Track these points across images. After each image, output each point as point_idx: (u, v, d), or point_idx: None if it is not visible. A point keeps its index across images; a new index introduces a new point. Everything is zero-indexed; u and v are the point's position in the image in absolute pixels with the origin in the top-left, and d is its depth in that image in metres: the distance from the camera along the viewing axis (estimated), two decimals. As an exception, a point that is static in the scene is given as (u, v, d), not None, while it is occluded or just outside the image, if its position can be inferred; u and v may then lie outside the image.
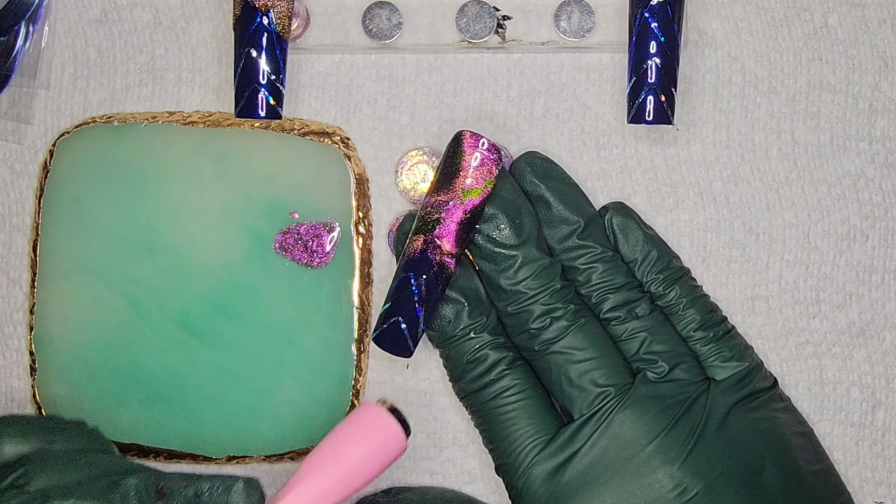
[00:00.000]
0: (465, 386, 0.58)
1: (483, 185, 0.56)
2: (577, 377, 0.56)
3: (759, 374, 0.58)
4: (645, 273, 0.58)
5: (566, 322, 0.56)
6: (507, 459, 0.57)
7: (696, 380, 0.56)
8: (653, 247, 0.58)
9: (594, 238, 0.58)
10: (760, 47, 0.62)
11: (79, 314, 0.61)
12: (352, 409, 0.61)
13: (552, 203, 0.58)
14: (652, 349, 0.57)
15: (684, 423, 0.56)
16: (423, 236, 0.56)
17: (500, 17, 0.61)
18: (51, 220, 0.62)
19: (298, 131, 0.61)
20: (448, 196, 0.56)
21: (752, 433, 0.56)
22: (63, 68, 0.63)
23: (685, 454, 0.55)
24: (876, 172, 0.61)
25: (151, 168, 0.61)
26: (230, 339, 0.61)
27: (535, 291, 0.56)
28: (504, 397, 0.57)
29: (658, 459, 0.55)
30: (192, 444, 0.61)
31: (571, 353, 0.56)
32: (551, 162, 0.59)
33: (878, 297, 0.61)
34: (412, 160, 0.61)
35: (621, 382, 0.56)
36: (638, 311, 0.57)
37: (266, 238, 0.61)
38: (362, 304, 0.61)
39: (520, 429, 0.57)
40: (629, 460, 0.55)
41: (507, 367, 0.57)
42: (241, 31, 0.57)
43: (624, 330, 0.57)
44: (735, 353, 0.57)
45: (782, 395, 0.59)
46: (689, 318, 0.58)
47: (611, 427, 0.56)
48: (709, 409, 0.56)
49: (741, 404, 0.57)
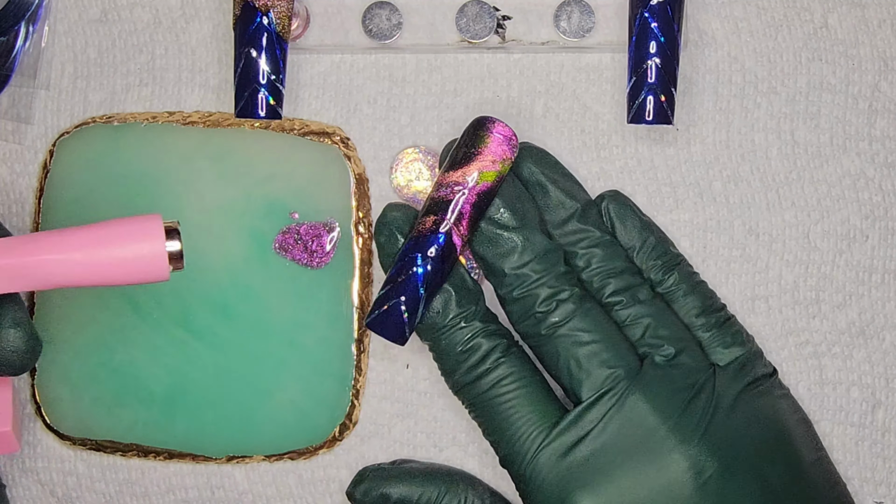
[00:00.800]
0: (459, 378, 0.57)
1: (499, 168, 0.56)
2: (586, 359, 0.56)
3: (761, 360, 0.58)
4: (644, 259, 0.58)
5: (572, 304, 0.56)
6: (511, 449, 0.56)
7: (701, 365, 0.56)
8: (650, 233, 0.58)
9: (592, 222, 0.58)
10: (760, 47, 0.62)
11: (79, 314, 0.61)
12: (351, 409, 0.61)
13: (549, 188, 0.58)
14: (657, 334, 0.56)
15: (695, 405, 0.56)
16: (435, 216, 0.55)
17: (500, 17, 0.61)
18: (51, 220, 0.62)
19: (298, 131, 0.61)
20: (463, 178, 0.55)
21: (757, 419, 0.56)
22: (63, 68, 0.63)
23: (699, 434, 0.55)
24: (876, 172, 0.61)
25: (151, 168, 0.61)
26: (230, 339, 0.61)
27: (539, 274, 0.56)
28: (502, 386, 0.56)
29: (673, 440, 0.55)
30: (191, 444, 0.61)
31: (579, 335, 0.56)
32: (545, 151, 0.59)
33: (878, 297, 0.61)
34: (407, 157, 0.61)
35: (630, 364, 0.56)
36: (640, 295, 0.57)
37: (266, 238, 0.61)
38: (362, 304, 0.61)
39: (522, 416, 0.56)
40: (643, 442, 0.55)
41: (501, 354, 0.56)
42: (241, 31, 0.57)
43: (627, 315, 0.57)
44: (736, 339, 0.57)
45: (781, 383, 0.59)
46: (690, 304, 0.58)
47: (623, 409, 0.55)
48: (717, 395, 0.56)
49: (746, 391, 0.57)
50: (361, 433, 0.62)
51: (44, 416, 0.62)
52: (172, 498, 0.62)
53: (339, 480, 0.62)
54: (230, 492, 0.62)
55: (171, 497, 0.62)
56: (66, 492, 0.63)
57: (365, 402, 0.62)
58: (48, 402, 0.62)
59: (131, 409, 0.61)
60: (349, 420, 0.61)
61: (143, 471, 0.62)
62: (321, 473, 0.62)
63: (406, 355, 0.62)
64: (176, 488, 0.62)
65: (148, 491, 0.62)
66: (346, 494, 0.60)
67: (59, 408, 0.62)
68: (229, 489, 0.62)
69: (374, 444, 0.62)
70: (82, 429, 0.62)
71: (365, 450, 0.62)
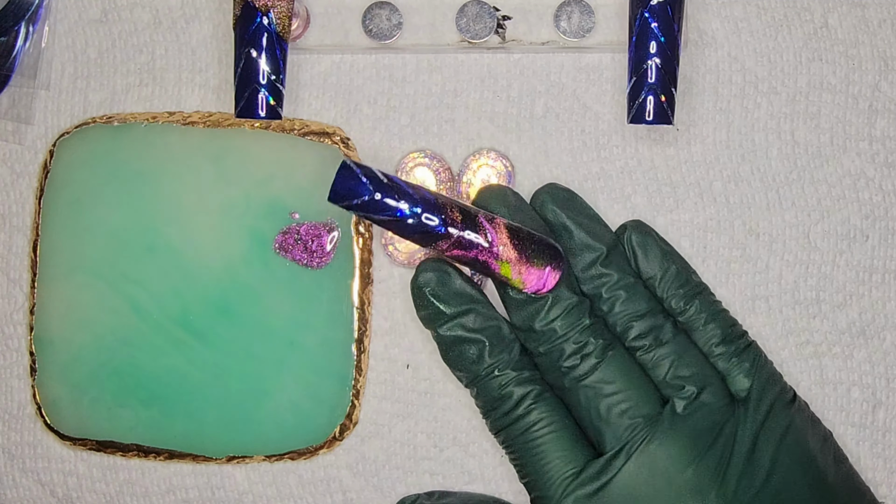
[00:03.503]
0: (495, 422, 0.58)
1: (515, 280, 0.56)
2: (606, 411, 0.56)
3: (780, 385, 0.58)
4: (665, 289, 0.58)
5: (595, 359, 0.57)
6: (540, 492, 0.57)
7: (722, 404, 0.57)
8: (671, 262, 0.59)
9: (616, 265, 0.58)
10: (760, 47, 0.62)
11: (79, 314, 0.61)
12: (352, 409, 0.61)
13: (574, 231, 0.58)
14: (679, 374, 0.57)
15: (713, 452, 0.56)
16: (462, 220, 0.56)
17: (500, 17, 0.61)
18: (51, 221, 0.62)
19: (298, 131, 0.61)
20: (499, 249, 0.56)
21: (778, 452, 0.56)
22: (63, 68, 0.63)
23: (718, 482, 0.55)
24: (876, 172, 0.61)
25: (151, 168, 0.61)
26: (230, 340, 0.61)
27: (565, 330, 0.57)
28: (533, 431, 0.57)
29: (692, 490, 0.55)
30: (191, 445, 0.61)
31: (601, 387, 0.57)
32: (571, 192, 0.59)
33: (878, 297, 0.61)
34: (412, 162, 0.61)
35: (650, 413, 0.56)
36: (662, 337, 0.57)
37: (266, 238, 0.61)
38: (362, 304, 0.61)
39: (551, 461, 0.57)
40: (661, 492, 0.56)
41: (533, 401, 0.57)
42: (241, 32, 0.57)
43: (651, 357, 0.57)
44: (756, 364, 0.58)
45: (801, 403, 0.59)
46: (711, 332, 0.58)
47: (641, 459, 0.56)
48: (737, 436, 0.56)
49: (767, 423, 0.57)
50: (361, 433, 0.62)
51: (44, 417, 0.62)
52: (172, 498, 0.62)
53: (340, 480, 0.62)
54: (230, 492, 0.62)
55: (172, 497, 0.62)
56: (67, 492, 0.63)
57: (365, 402, 0.62)
58: (48, 402, 0.62)
59: (131, 409, 0.61)
60: (349, 420, 0.61)
61: (143, 471, 0.62)
62: (321, 473, 0.62)
63: (406, 355, 0.62)
64: (176, 488, 0.62)
65: (148, 491, 0.62)
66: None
67: (59, 408, 0.62)
68: (229, 489, 0.62)
69: (374, 444, 0.62)
70: (82, 429, 0.62)
71: (365, 450, 0.62)
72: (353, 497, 0.62)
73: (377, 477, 0.62)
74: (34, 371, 0.62)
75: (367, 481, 0.62)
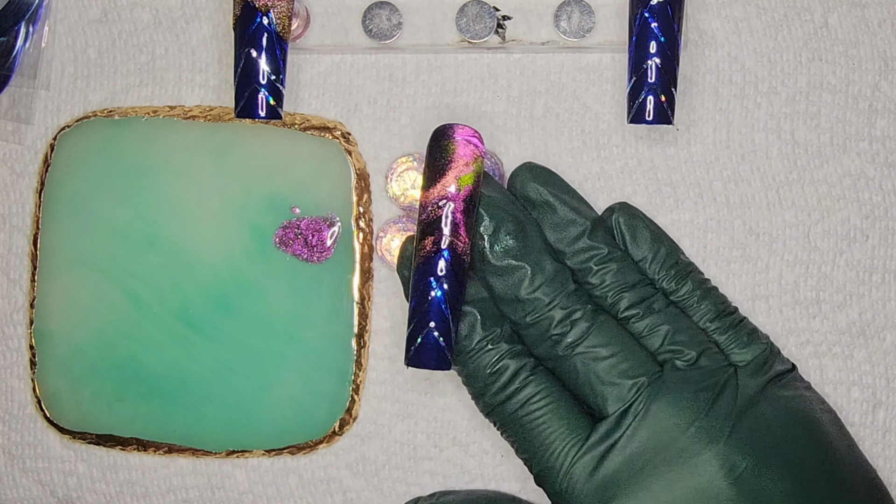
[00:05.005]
0: (489, 400, 0.57)
1: (474, 168, 0.55)
2: (607, 373, 0.56)
3: (779, 357, 0.58)
4: (656, 270, 0.58)
5: (586, 322, 0.56)
6: (545, 465, 0.56)
7: (722, 365, 0.56)
8: (661, 243, 0.58)
9: (602, 238, 0.58)
10: (760, 47, 0.62)
11: (79, 308, 0.61)
12: (351, 404, 0.61)
13: (557, 206, 0.58)
14: (676, 340, 0.57)
15: (720, 404, 0.56)
16: (432, 237, 0.55)
17: (500, 17, 0.61)
18: (51, 215, 0.62)
19: (299, 126, 0.61)
20: (444, 190, 0.55)
21: (784, 412, 0.56)
22: (63, 68, 0.63)
23: (727, 432, 0.55)
24: (876, 172, 0.61)
25: (152, 162, 0.61)
26: (230, 334, 0.61)
27: (551, 297, 0.56)
28: (532, 404, 0.56)
29: (702, 441, 0.55)
30: (191, 439, 0.61)
31: (597, 350, 0.56)
32: (549, 170, 0.59)
33: (878, 297, 0.61)
34: (401, 167, 0.61)
35: (651, 371, 0.56)
36: (655, 306, 0.57)
37: (266, 233, 0.61)
38: (362, 299, 0.61)
39: (553, 432, 0.56)
40: (671, 445, 0.55)
41: (529, 373, 0.57)
42: (241, 31, 0.57)
43: (644, 326, 0.57)
44: (753, 338, 0.58)
45: (802, 377, 0.59)
46: (704, 309, 0.58)
47: (648, 416, 0.55)
48: (741, 391, 0.56)
49: (769, 386, 0.57)
50: (361, 433, 0.62)
51: (44, 411, 0.62)
52: (173, 498, 0.62)
53: (340, 480, 0.62)
54: (230, 492, 0.62)
55: (172, 497, 0.62)
56: (67, 492, 0.63)
57: (365, 401, 0.62)
58: (48, 396, 0.62)
59: (131, 403, 0.61)
60: (349, 415, 0.61)
61: (143, 471, 0.62)
62: (321, 473, 0.62)
63: (406, 354, 0.62)
64: (176, 488, 0.62)
65: (148, 491, 0.62)
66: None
67: (58, 402, 0.62)
68: (230, 489, 0.62)
69: (374, 444, 0.62)
70: (82, 423, 0.62)
71: (365, 450, 0.62)
72: (353, 497, 0.62)
73: (377, 477, 0.62)
74: (34, 365, 0.62)
75: (367, 481, 0.62)
